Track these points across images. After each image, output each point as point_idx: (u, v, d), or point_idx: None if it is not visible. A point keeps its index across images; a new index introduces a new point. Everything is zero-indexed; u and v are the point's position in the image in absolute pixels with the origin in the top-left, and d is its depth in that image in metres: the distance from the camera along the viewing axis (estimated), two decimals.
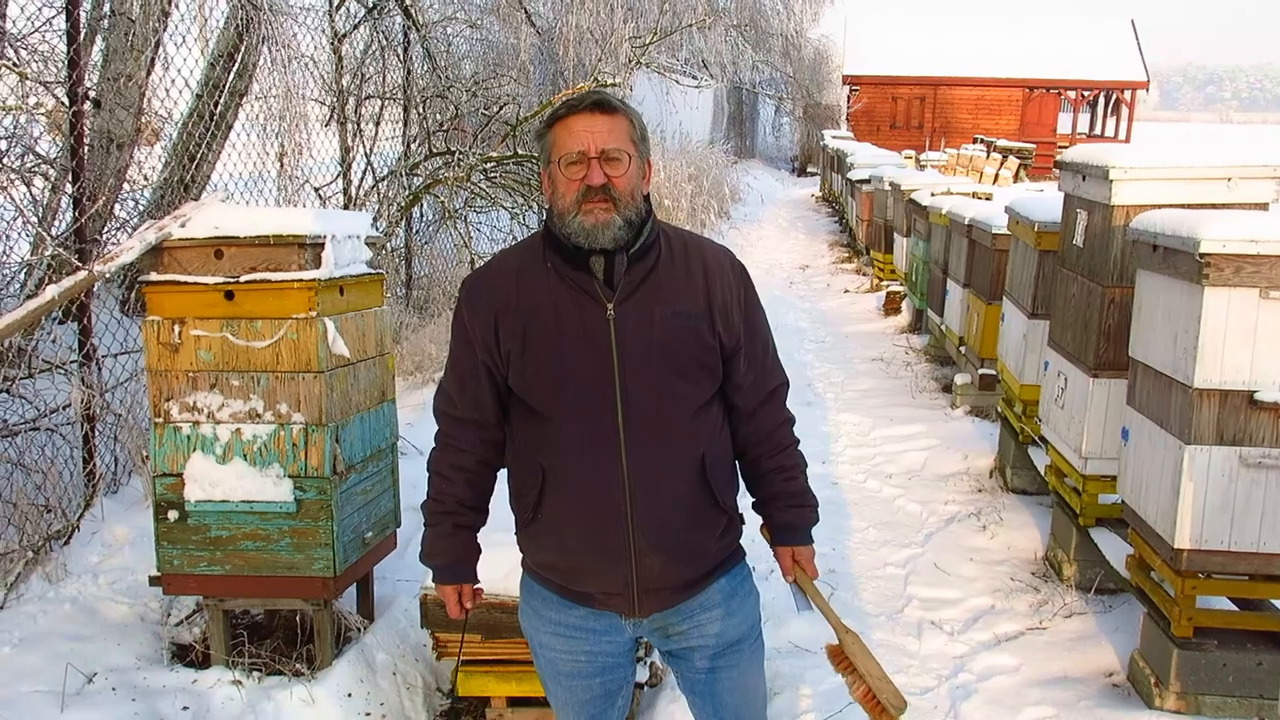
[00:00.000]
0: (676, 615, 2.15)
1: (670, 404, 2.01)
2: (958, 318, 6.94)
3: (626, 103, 2.03)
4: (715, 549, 2.14)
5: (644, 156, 2.01)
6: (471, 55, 9.23)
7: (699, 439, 2.06)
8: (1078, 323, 4.06)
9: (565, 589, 2.14)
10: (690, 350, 2.02)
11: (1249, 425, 2.96)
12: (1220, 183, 3.63)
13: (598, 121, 1.94)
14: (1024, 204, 5.05)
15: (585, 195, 1.93)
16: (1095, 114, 35.05)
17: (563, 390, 2.00)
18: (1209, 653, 3.13)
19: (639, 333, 1.98)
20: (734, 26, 26.54)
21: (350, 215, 3.62)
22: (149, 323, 3.22)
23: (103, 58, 5.70)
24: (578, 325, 1.98)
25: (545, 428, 2.03)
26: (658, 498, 2.02)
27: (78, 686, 3.20)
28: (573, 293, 1.99)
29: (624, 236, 1.96)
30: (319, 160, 6.82)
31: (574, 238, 1.95)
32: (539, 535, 2.11)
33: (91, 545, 3.97)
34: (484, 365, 2.06)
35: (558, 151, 1.96)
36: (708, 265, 2.07)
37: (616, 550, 2.03)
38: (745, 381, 2.12)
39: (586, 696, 2.23)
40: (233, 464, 3.25)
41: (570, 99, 2.00)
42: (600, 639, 2.17)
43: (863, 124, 32.53)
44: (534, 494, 2.06)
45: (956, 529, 4.85)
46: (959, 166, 19.86)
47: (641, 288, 2.00)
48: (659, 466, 2.01)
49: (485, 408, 2.10)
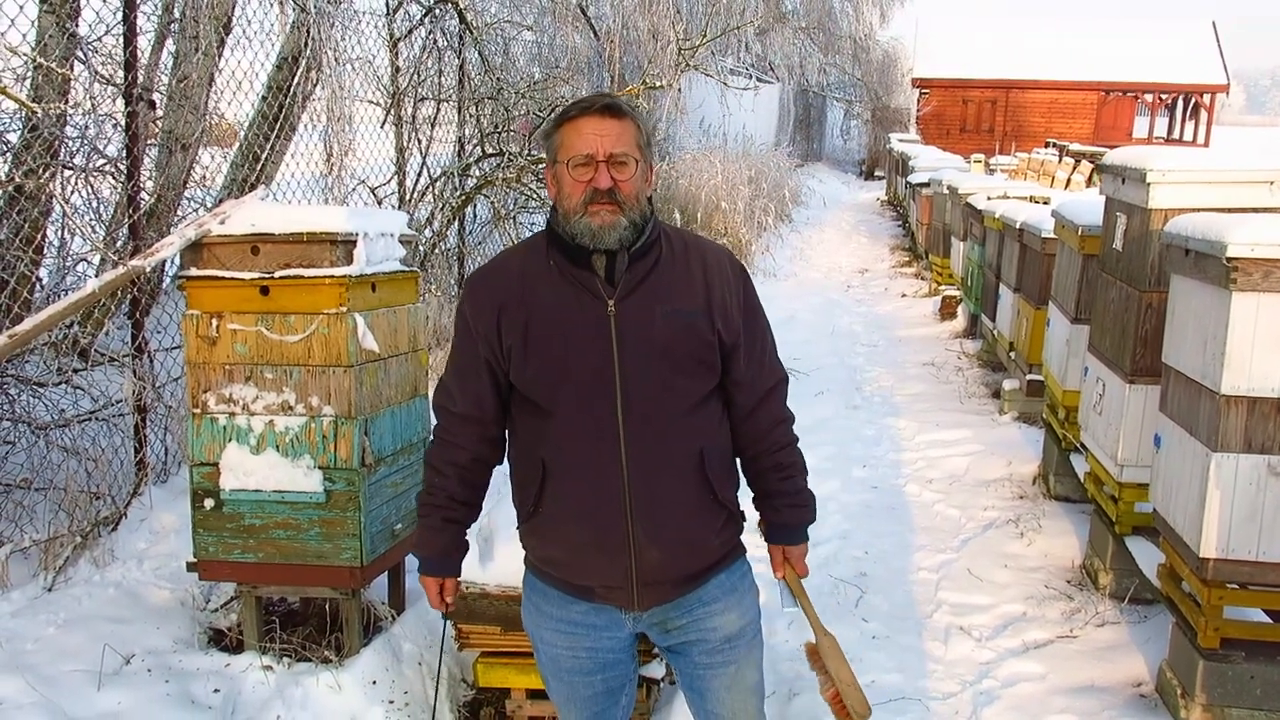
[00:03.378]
0: (676, 609, 2.18)
1: (669, 399, 2.05)
2: (1009, 322, 6.84)
3: (634, 107, 2.07)
4: (715, 544, 2.17)
5: (649, 161, 2.06)
6: (527, 57, 9.34)
7: (698, 434, 2.09)
8: (1116, 328, 3.99)
9: (566, 583, 2.18)
10: (689, 346, 2.05)
11: (1278, 433, 2.89)
12: (1262, 186, 3.55)
13: (607, 125, 1.98)
14: (1069, 208, 4.97)
15: (592, 198, 1.97)
16: (1173, 118, 34.10)
17: (563, 385, 2.04)
18: (1236, 664, 3.05)
19: (639, 329, 2.02)
20: (801, 29, 26.43)
21: (384, 213, 3.72)
22: (188, 317, 3.34)
23: (172, 60, 5.92)
24: (579, 321, 2.03)
25: (546, 423, 2.08)
26: (656, 492, 2.05)
27: (115, 667, 3.33)
28: (575, 290, 2.03)
29: (628, 237, 2.01)
30: (376, 161, 6.98)
31: (579, 238, 2.00)
32: (540, 529, 2.16)
33: (139, 532, 4.12)
34: (485, 361, 2.10)
35: (565, 153, 2.00)
36: (707, 263, 2.11)
37: (616, 543, 2.07)
38: (744, 378, 2.15)
39: (588, 693, 2.26)
40: (266, 454, 3.35)
41: (580, 101, 2.04)
42: (601, 635, 2.20)
43: (932, 127, 32.06)
44: (535, 488, 2.11)
45: (994, 535, 4.79)
46: (1030, 171, 19.45)
47: (642, 285, 2.04)
48: (658, 461, 2.05)
49: (485, 404, 2.15)
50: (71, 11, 4.82)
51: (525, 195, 7.45)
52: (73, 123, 4.99)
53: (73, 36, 4.85)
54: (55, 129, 4.68)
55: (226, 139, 7.00)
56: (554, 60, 9.92)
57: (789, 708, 3.47)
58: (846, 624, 3.92)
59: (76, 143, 5.07)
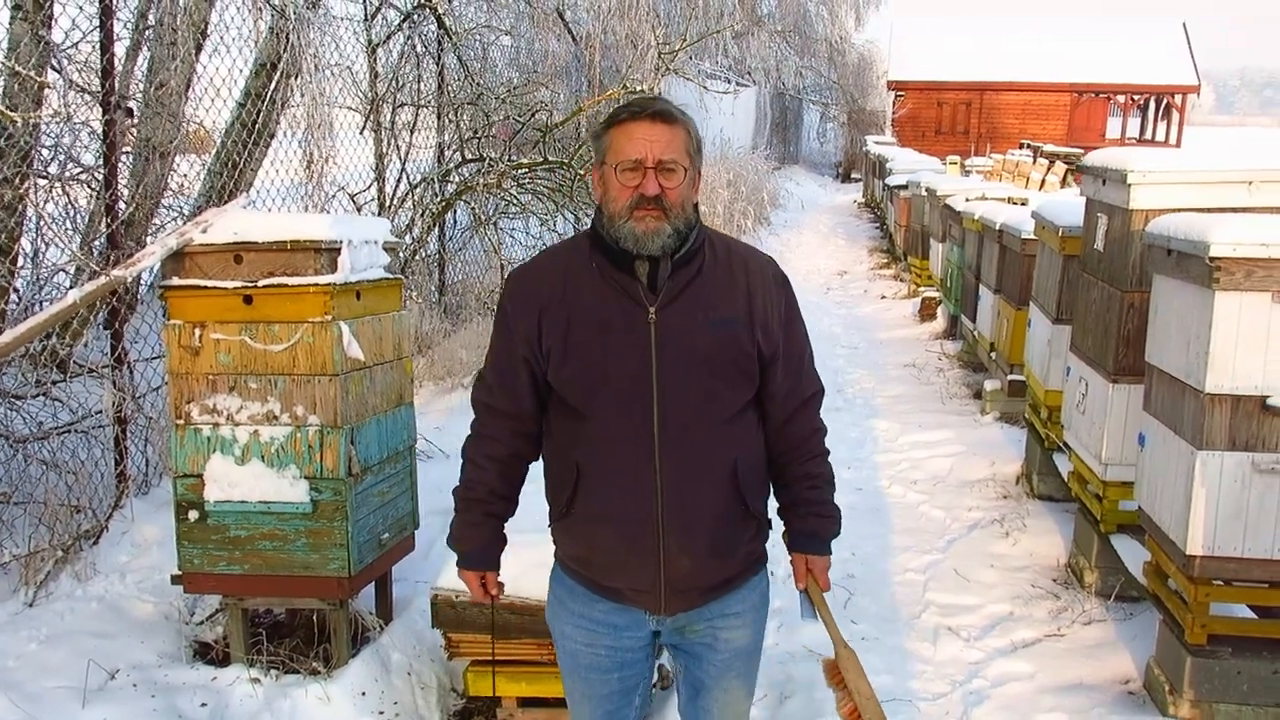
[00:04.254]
0: (699, 617, 2.19)
1: (706, 409, 2.04)
2: (989, 323, 6.88)
3: (685, 113, 2.05)
4: (742, 553, 2.17)
5: (697, 168, 2.05)
6: (505, 62, 9.32)
7: (733, 444, 2.09)
8: (1098, 328, 4.02)
9: (594, 583, 2.18)
10: (729, 357, 2.04)
11: (1262, 431, 2.91)
12: (1241, 186, 3.58)
13: (658, 131, 1.97)
14: (1049, 208, 5.00)
15: (638, 203, 1.96)
16: (1145, 118, 34.44)
17: (601, 390, 2.03)
18: (1223, 660, 3.08)
19: (679, 338, 2.01)
20: (777, 32, 26.53)
21: (368, 220, 3.69)
22: (170, 326, 3.31)
23: (147, 67, 5.86)
24: (619, 327, 2.02)
25: (582, 426, 2.07)
26: (689, 500, 2.05)
27: (100, 683, 3.29)
28: (616, 294, 2.03)
29: (672, 245, 2.00)
30: (355, 167, 6.94)
31: (623, 242, 1.99)
32: (571, 529, 2.16)
33: (120, 545, 4.08)
34: (524, 360, 2.10)
35: (614, 156, 1.99)
36: (750, 273, 2.10)
37: (646, 549, 2.07)
38: (781, 390, 2.14)
39: (604, 691, 2.26)
40: (251, 465, 3.32)
41: (633, 104, 2.02)
42: (621, 634, 2.20)
43: (908, 129, 32.24)
44: (569, 490, 2.11)
45: (979, 535, 4.81)
46: (1005, 172, 19.57)
47: (684, 293, 2.03)
48: (692, 470, 2.05)
49: (523, 401, 2.14)
50: (45, 19, 4.76)
51: (506, 200, 7.44)
52: (48, 131, 4.93)
53: (47, 44, 4.80)
54: (30, 137, 4.62)
55: (204, 146, 6.94)
56: (532, 65, 9.90)
57: (780, 710, 3.47)
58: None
59: (51, 151, 5.01)
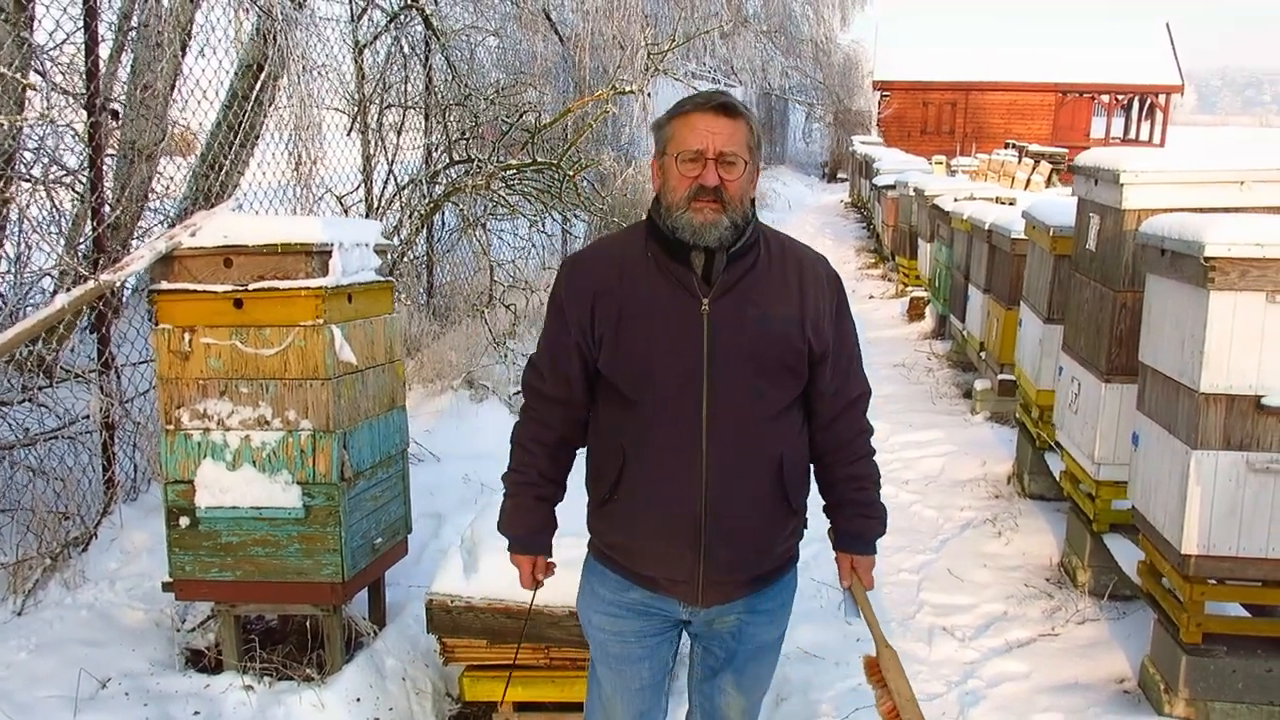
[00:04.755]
0: (730, 610, 2.19)
1: (755, 403, 2.06)
2: (978, 323, 6.89)
3: (749, 108, 2.06)
4: (780, 549, 2.19)
5: (756, 163, 2.06)
6: (492, 63, 9.29)
7: (779, 439, 2.10)
8: (1091, 327, 4.03)
9: (630, 570, 2.18)
10: (779, 353, 2.05)
11: (1256, 430, 2.92)
12: (1233, 186, 3.59)
13: (720, 124, 1.98)
14: (1040, 208, 5.01)
15: (697, 194, 1.98)
16: (1129, 118, 34.64)
17: (651, 379, 2.04)
18: (1218, 659, 3.08)
19: (731, 331, 2.02)
20: (763, 33, 26.53)
21: (359, 223, 3.67)
22: (159, 331, 3.28)
23: (131, 69, 5.81)
24: (672, 317, 2.03)
25: (631, 413, 2.08)
26: (733, 492, 2.06)
27: (91, 691, 3.26)
28: (670, 285, 2.04)
29: (729, 237, 2.01)
30: (342, 169, 6.90)
31: (680, 233, 2.00)
32: (613, 515, 2.16)
33: (110, 552, 4.03)
34: (577, 345, 2.10)
35: (676, 146, 2.00)
36: (804, 271, 2.11)
37: (687, 539, 2.08)
38: (829, 389, 2.15)
39: (636, 685, 2.26)
40: (242, 470, 3.29)
41: (697, 96, 2.04)
42: (650, 620, 2.21)
43: (893, 130, 32.34)
44: (613, 475, 2.11)
45: (972, 535, 4.81)
46: (990, 171, 19.65)
47: (738, 286, 2.04)
48: (738, 462, 2.06)
49: (574, 386, 2.15)
50: (27, 20, 4.71)
51: (494, 202, 7.41)
52: (32, 133, 4.88)
53: (30, 46, 4.75)
54: (13, 140, 4.57)
55: (189, 149, 6.89)
56: (518, 66, 9.87)
57: (776, 712, 3.46)
58: (830, 627, 3.92)
59: (35, 154, 4.95)
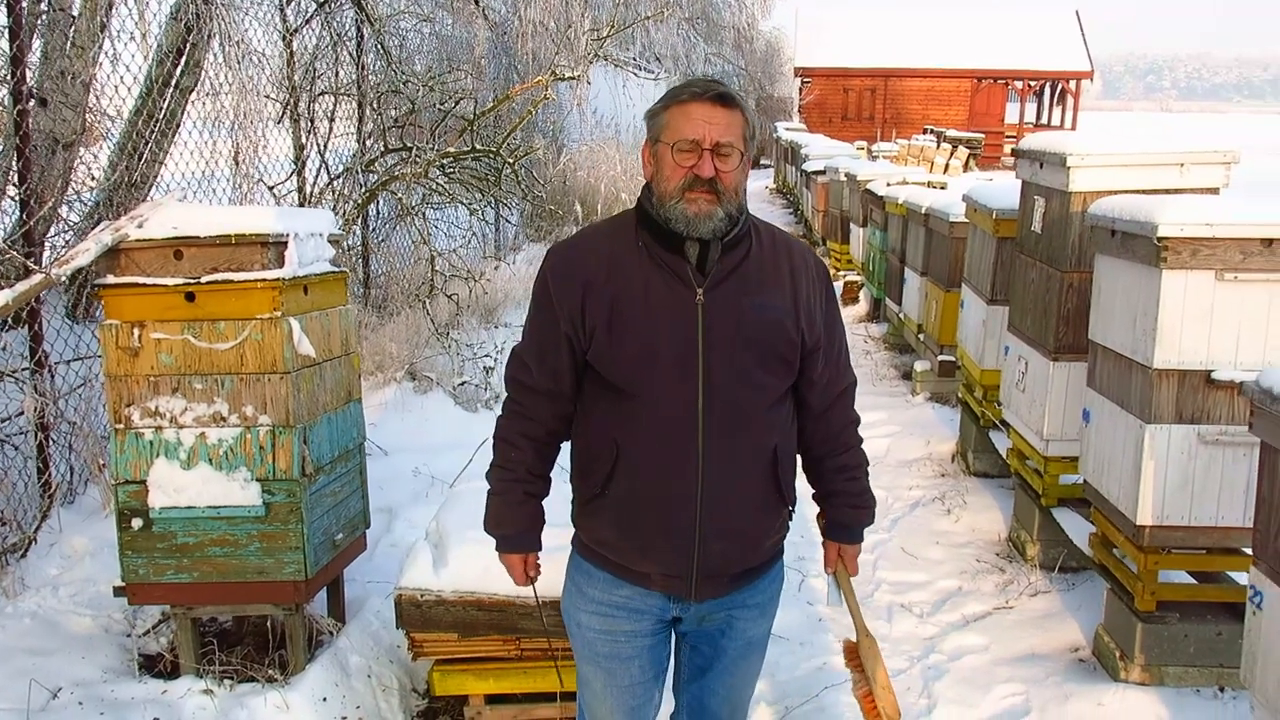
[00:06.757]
0: (719, 606, 2.18)
1: (751, 394, 2.05)
2: (916, 306, 7.02)
3: (744, 98, 2.04)
4: (770, 542, 2.19)
5: (750, 154, 2.04)
6: (425, 50, 9.13)
7: (773, 431, 2.10)
8: (1037, 308, 4.13)
9: (621, 567, 2.15)
10: (773, 343, 2.05)
11: (1206, 403, 3.03)
12: (1173, 168, 3.71)
13: (717, 114, 1.96)
14: (981, 192, 5.11)
15: (691, 184, 1.95)
16: (1042, 104, 35.57)
17: (646, 370, 2.01)
18: (1171, 625, 3.20)
19: (726, 321, 2.01)
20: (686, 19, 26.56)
21: (312, 213, 3.58)
22: (106, 327, 3.16)
23: (42, 55, 5.56)
24: (666, 307, 2.00)
25: (624, 405, 2.05)
26: (728, 484, 2.05)
27: (42, 702, 3.14)
28: (664, 275, 2.01)
29: (722, 228, 1.99)
30: (271, 158, 6.72)
31: (673, 223, 1.98)
32: (602, 511, 2.12)
33: (50, 558, 3.89)
34: (565, 336, 2.06)
35: (671, 134, 1.98)
36: (794, 262, 2.11)
37: (682, 532, 2.06)
38: (820, 380, 2.16)
39: (626, 682, 2.22)
40: (198, 469, 3.20)
41: (693, 85, 2.01)
42: (641, 619, 2.18)
43: (815, 116, 32.72)
44: (605, 470, 2.07)
45: (922, 513, 4.91)
46: (910, 157, 20.04)
47: (732, 277, 2.03)
48: (734, 453, 2.05)
49: (562, 379, 2.11)
50: None
51: (432, 189, 7.30)
52: None
53: None
54: None
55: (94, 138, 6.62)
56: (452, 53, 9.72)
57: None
58: (792, 609, 3.96)
59: None
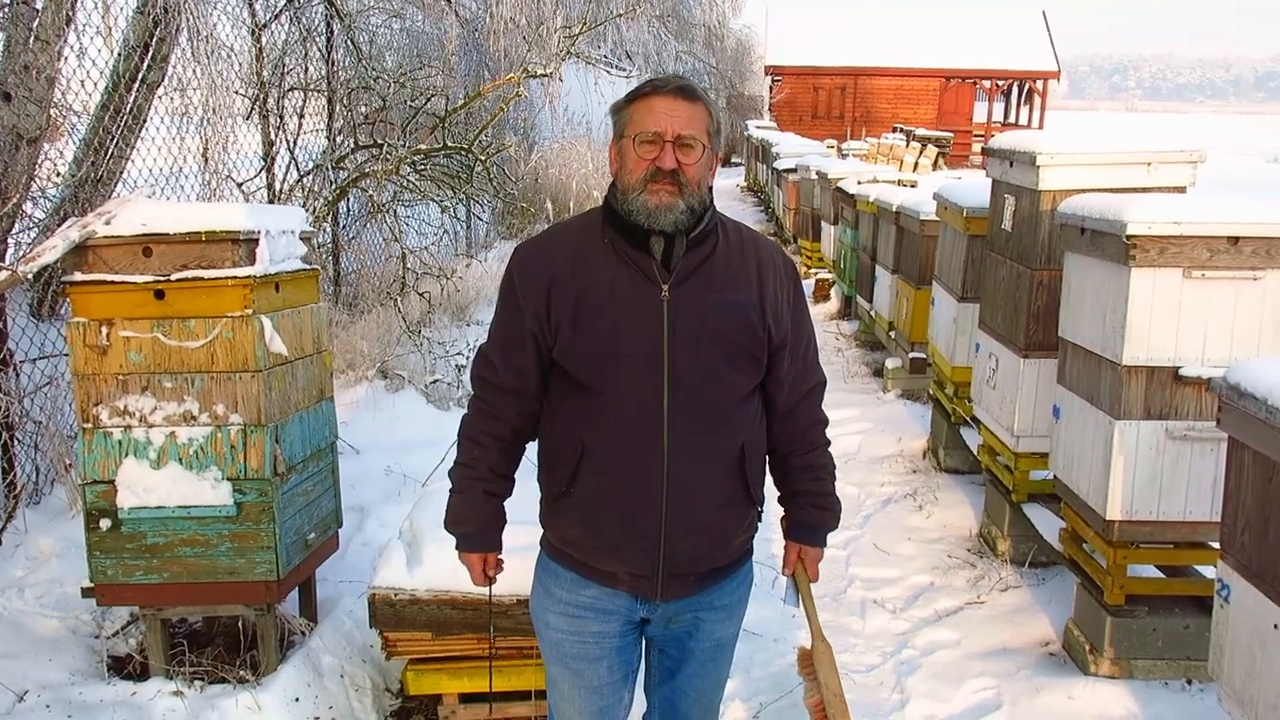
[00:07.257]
0: (687, 607, 2.17)
1: (717, 390, 2.04)
2: (887, 303, 7.06)
3: (708, 94, 2.04)
4: (738, 541, 2.17)
5: (715, 149, 2.04)
6: (395, 46, 9.08)
7: (740, 428, 2.08)
8: (1007, 305, 4.16)
9: (587, 567, 2.13)
10: (739, 339, 2.04)
11: (1175, 399, 3.07)
12: (1141, 167, 3.75)
13: (679, 106, 1.96)
14: (952, 190, 5.15)
15: (653, 176, 1.95)
16: (1009, 103, 35.90)
17: (611, 367, 2.00)
18: (1140, 619, 3.24)
19: (692, 317, 2.00)
20: (656, 17, 26.57)
21: (284, 210, 3.54)
22: (74, 325, 3.11)
23: (5, 49, 5.47)
24: (631, 304, 1.99)
25: (590, 403, 2.03)
26: (695, 482, 2.04)
27: (8, 706, 3.09)
28: (629, 271, 2.00)
29: (685, 222, 1.98)
30: (240, 154, 6.64)
31: (635, 216, 1.97)
32: (569, 510, 2.11)
33: (15, 559, 3.84)
34: (531, 334, 2.05)
35: (634, 128, 1.98)
36: (761, 259, 2.10)
37: (647, 530, 2.04)
38: (787, 378, 2.15)
39: (594, 683, 2.21)
40: (168, 468, 3.16)
41: (656, 79, 2.01)
42: (609, 619, 2.16)
43: (785, 114, 32.84)
44: (570, 468, 2.06)
45: (894, 510, 4.94)
46: (880, 155, 20.15)
47: (697, 273, 2.02)
48: (700, 451, 2.04)
49: (528, 377, 2.10)
50: None
51: (403, 186, 7.25)
52: None
53: None
54: None
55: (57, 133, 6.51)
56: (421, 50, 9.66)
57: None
58: (765, 605, 3.97)
59: None
